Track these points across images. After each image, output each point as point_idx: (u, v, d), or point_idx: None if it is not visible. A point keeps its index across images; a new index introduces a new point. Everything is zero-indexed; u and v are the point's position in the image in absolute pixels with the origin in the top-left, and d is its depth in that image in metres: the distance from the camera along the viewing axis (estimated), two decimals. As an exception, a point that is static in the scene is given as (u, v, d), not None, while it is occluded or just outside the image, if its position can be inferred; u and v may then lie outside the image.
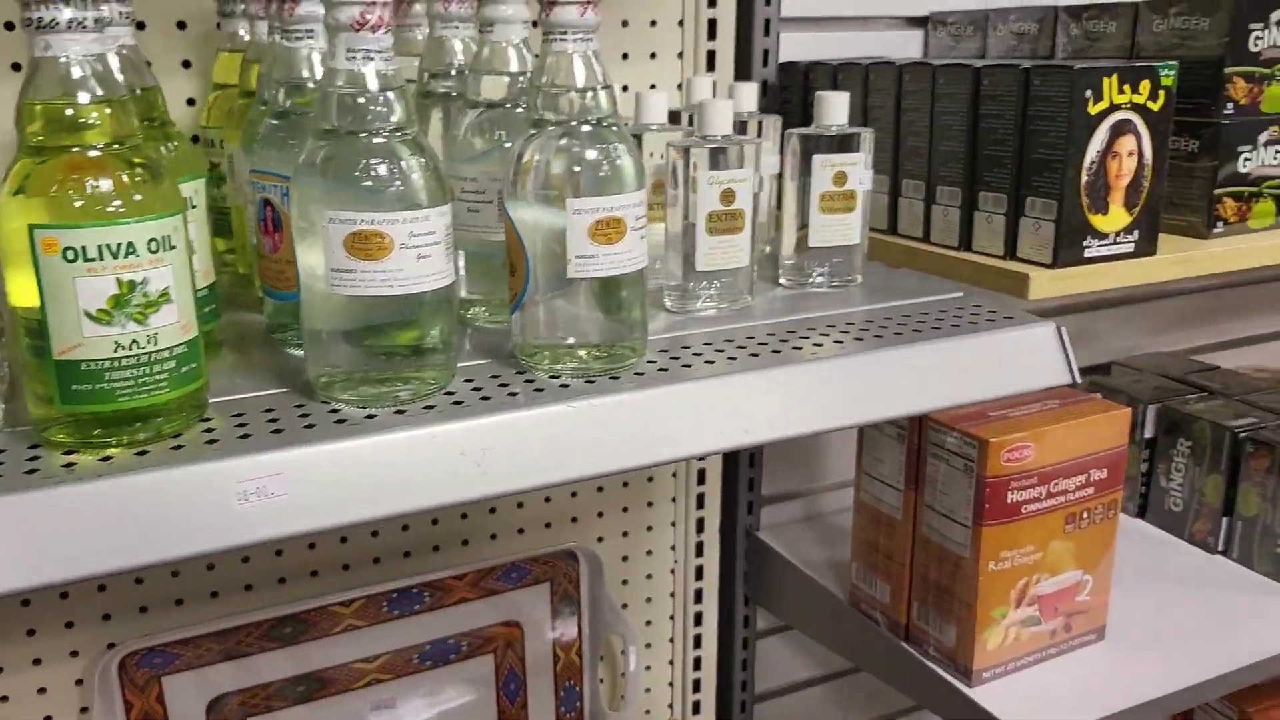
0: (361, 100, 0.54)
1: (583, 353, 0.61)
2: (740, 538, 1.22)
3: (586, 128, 0.59)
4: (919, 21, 1.18)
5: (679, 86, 1.05)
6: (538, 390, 0.59)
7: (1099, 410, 0.96)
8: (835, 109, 0.77)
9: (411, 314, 0.56)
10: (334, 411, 0.56)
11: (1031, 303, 0.84)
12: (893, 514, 1.01)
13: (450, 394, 0.59)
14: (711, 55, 1.06)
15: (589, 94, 0.59)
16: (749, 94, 0.86)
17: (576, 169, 0.58)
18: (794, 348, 0.66)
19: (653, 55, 1.04)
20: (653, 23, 1.03)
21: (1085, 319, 1.39)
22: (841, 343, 0.67)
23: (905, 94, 0.94)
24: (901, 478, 0.99)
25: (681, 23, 1.04)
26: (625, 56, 1.03)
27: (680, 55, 1.05)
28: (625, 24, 1.02)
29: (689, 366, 0.63)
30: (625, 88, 1.03)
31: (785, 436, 0.62)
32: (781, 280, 0.81)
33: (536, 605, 1.11)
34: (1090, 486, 0.96)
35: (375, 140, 0.54)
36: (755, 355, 0.65)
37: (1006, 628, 0.95)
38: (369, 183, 0.53)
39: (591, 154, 0.59)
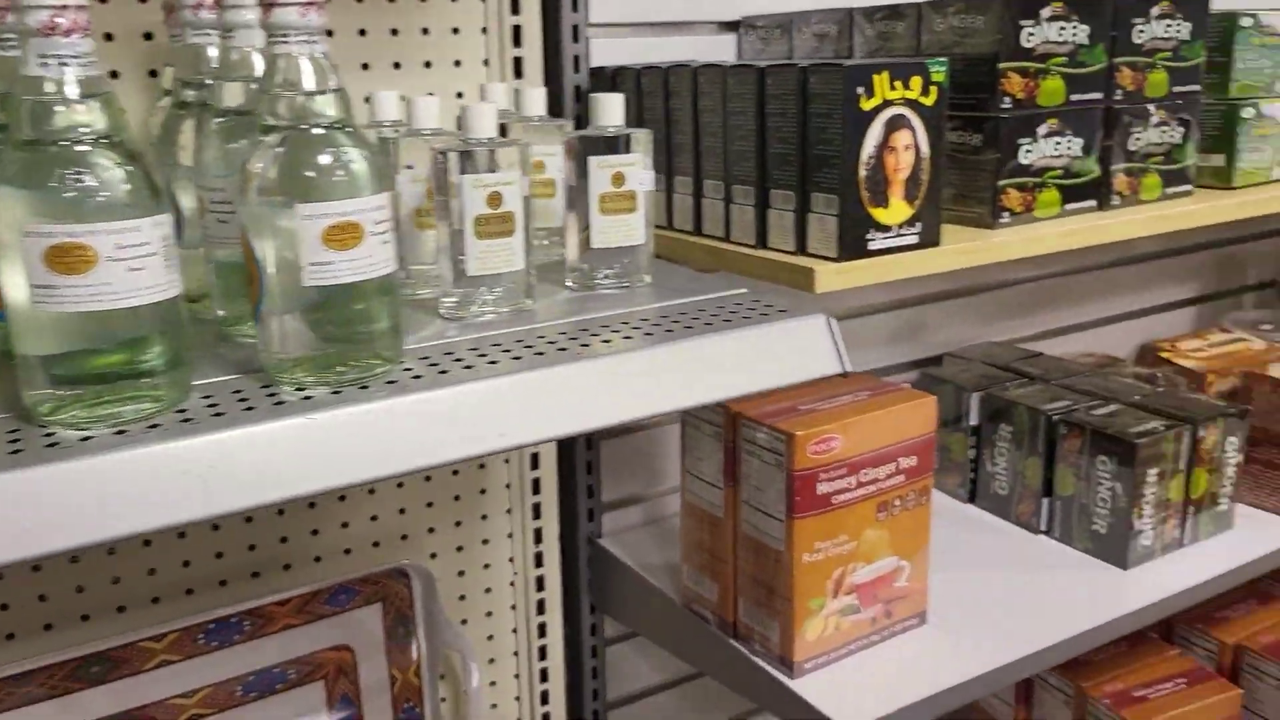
0: (58, 108, 0.51)
1: (327, 363, 0.60)
2: (582, 546, 1.21)
3: (317, 131, 0.58)
4: (732, 26, 1.20)
5: (486, 94, 1.05)
6: (279, 404, 0.58)
7: (906, 399, 0.98)
8: (610, 110, 0.77)
9: (127, 330, 0.54)
10: (48, 435, 0.53)
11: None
12: (715, 512, 1.01)
13: (182, 411, 0.56)
14: (519, 62, 1.05)
15: (317, 97, 0.57)
16: (536, 99, 0.86)
17: (308, 174, 0.57)
18: (560, 349, 0.66)
19: (457, 63, 1.03)
20: (455, 30, 1.02)
21: (920, 312, 1.43)
22: (610, 342, 0.67)
23: (700, 95, 0.95)
24: (721, 475, 1.00)
25: (485, 30, 1.03)
26: (428, 64, 1.02)
27: (486, 62, 1.04)
28: (426, 31, 1.01)
29: (446, 373, 0.62)
30: (431, 94, 1.01)
31: (543, 439, 0.61)
32: (568, 283, 0.80)
33: (368, 627, 1.08)
34: (901, 474, 0.98)
35: (76, 149, 0.52)
36: (519, 359, 0.64)
37: (826, 618, 0.96)
38: (69, 194, 0.51)
39: (323, 158, 0.57)
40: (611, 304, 0.76)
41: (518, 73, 1.06)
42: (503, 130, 0.84)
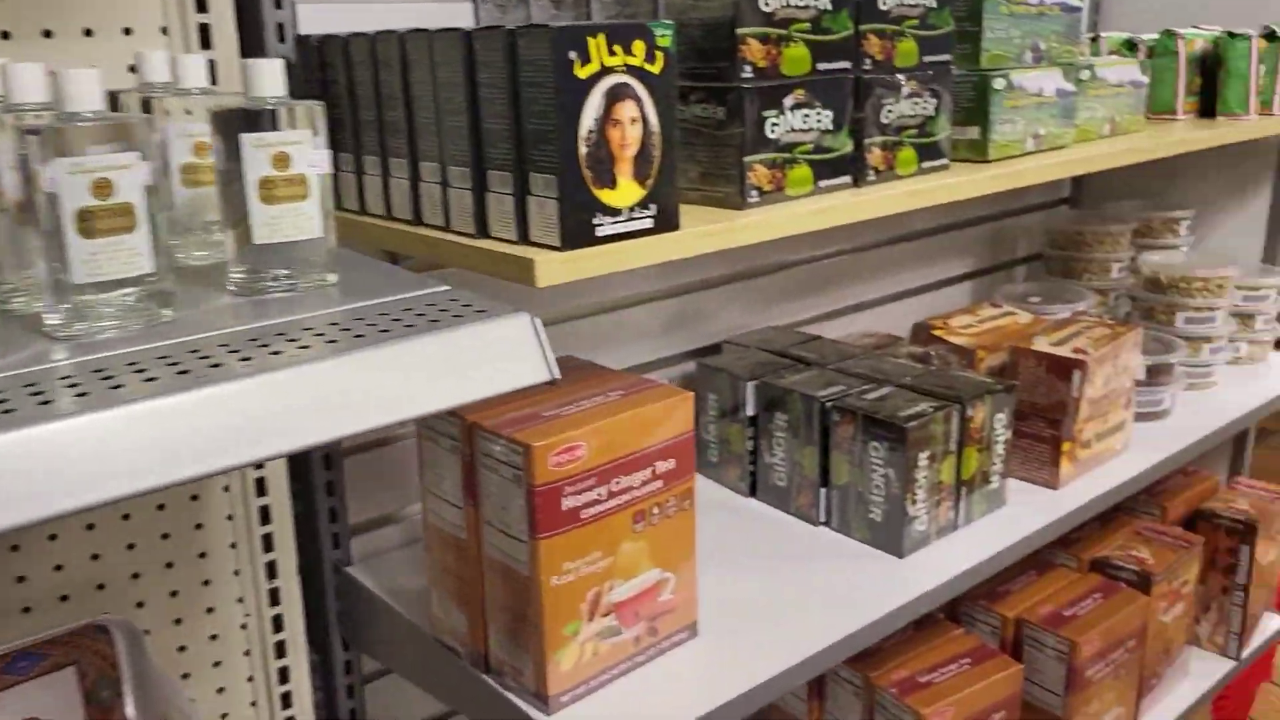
0: None
1: None
2: (329, 575, 1.08)
3: None
4: (469, -8, 1.08)
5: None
6: None
7: (660, 398, 0.90)
8: (267, 79, 0.64)
9: None
10: None
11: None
12: (458, 534, 0.91)
13: None
14: (206, 29, 0.91)
15: None
16: (195, 68, 0.72)
17: None
18: (181, 373, 0.53)
19: (128, 31, 0.87)
20: (119, -10, 0.87)
21: (698, 298, 1.36)
22: (251, 359, 0.55)
23: (410, 65, 0.83)
24: (461, 493, 0.89)
25: (159, -9, 0.88)
26: (89, 32, 0.86)
27: (165, 30, 0.89)
28: (81, -9, 0.85)
29: (13, 412, 0.49)
30: (93, 67, 0.85)
31: (146, 489, 0.49)
32: (229, 287, 0.67)
33: (61, 696, 0.92)
34: (658, 480, 0.90)
35: None
36: (120, 388, 0.51)
37: (582, 644, 0.87)
38: None
39: None
40: (278, 310, 0.64)
41: (206, 43, 0.91)
42: (148, 105, 0.70)
